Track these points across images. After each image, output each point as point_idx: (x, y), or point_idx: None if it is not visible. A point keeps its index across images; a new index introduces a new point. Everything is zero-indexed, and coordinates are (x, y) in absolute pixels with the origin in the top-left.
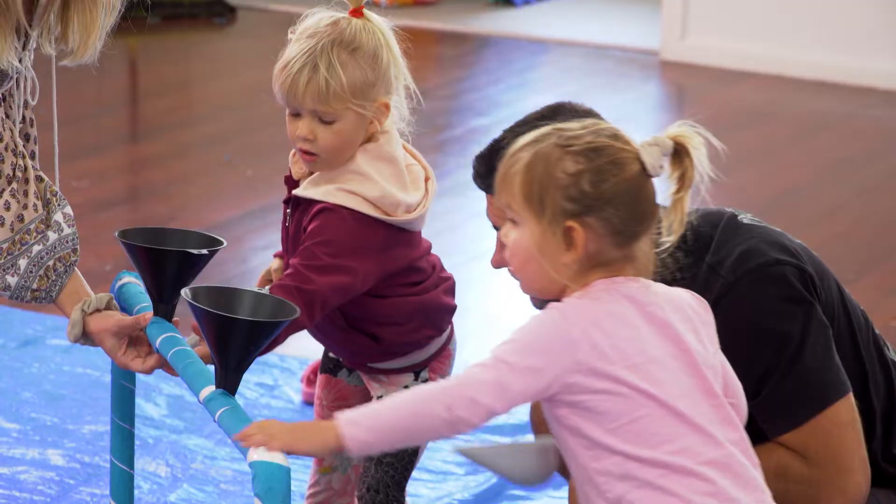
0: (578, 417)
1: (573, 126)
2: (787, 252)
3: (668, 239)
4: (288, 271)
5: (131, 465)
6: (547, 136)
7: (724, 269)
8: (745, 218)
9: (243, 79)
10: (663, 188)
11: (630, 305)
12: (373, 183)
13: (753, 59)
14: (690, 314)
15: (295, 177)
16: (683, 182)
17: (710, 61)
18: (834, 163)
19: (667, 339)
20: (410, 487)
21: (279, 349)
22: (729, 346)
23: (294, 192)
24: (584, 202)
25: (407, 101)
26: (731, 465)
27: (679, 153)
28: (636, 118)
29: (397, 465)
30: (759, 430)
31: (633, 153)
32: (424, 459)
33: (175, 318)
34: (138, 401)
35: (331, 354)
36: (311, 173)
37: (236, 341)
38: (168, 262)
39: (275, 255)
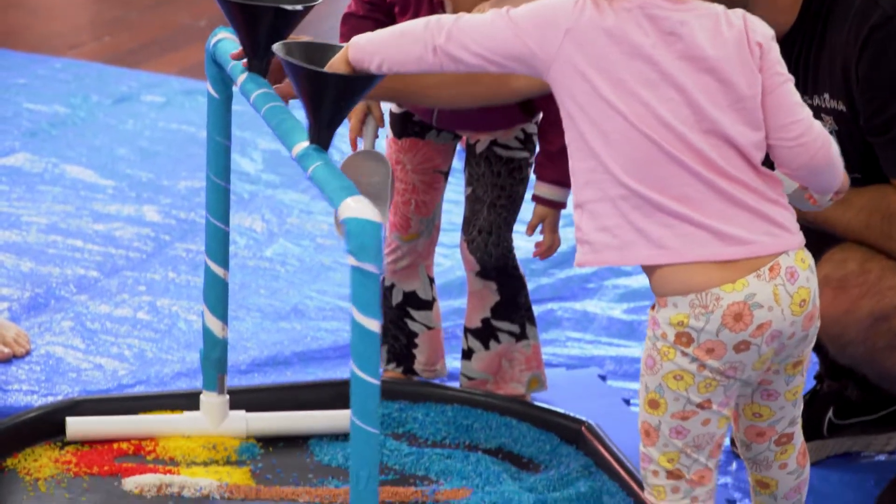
0: (566, 108)
1: None
2: None
3: None
4: None
5: (226, 221)
6: None
7: (885, 0)
8: None
9: None
10: None
11: (648, 26)
12: None
13: None
14: (725, 38)
15: None
16: None
17: None
18: None
19: (684, 70)
20: None
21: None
22: (871, 79)
23: None
24: None
25: None
26: (708, 197)
27: None
28: None
29: (510, 206)
30: (882, 174)
31: None
32: (522, 212)
33: None
34: (234, 156)
35: (415, 118)
36: None
37: (329, 97)
38: (262, 18)
39: None
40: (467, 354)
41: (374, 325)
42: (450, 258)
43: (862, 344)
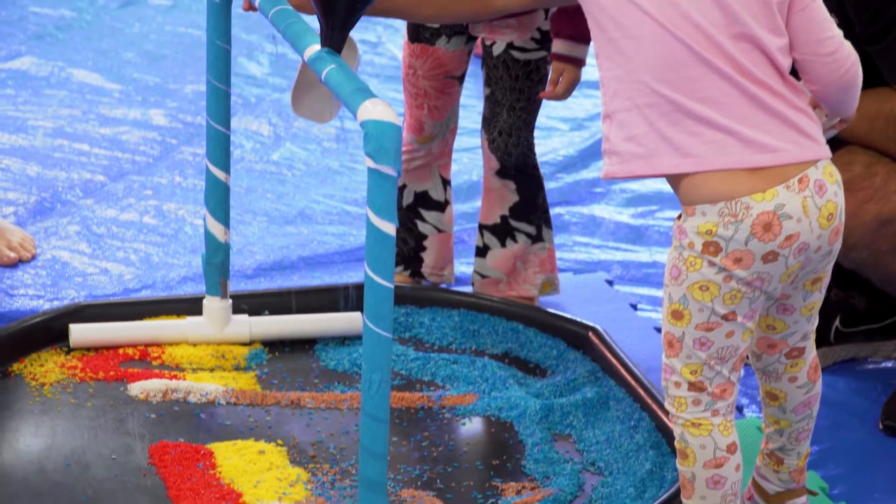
0: (595, 19)
1: None
2: None
3: None
4: None
5: (227, 125)
6: None
7: None
8: None
9: None
10: None
11: None
12: None
13: None
14: None
15: None
16: None
17: None
18: None
19: None
20: None
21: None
22: None
23: None
24: None
25: None
26: (737, 101)
27: None
28: None
29: (529, 108)
30: (882, 78)
31: None
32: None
33: None
34: (241, 60)
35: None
36: None
37: (344, 0)
38: None
39: None
40: (482, 252)
41: (389, 227)
42: (457, 162)
43: (867, 248)
